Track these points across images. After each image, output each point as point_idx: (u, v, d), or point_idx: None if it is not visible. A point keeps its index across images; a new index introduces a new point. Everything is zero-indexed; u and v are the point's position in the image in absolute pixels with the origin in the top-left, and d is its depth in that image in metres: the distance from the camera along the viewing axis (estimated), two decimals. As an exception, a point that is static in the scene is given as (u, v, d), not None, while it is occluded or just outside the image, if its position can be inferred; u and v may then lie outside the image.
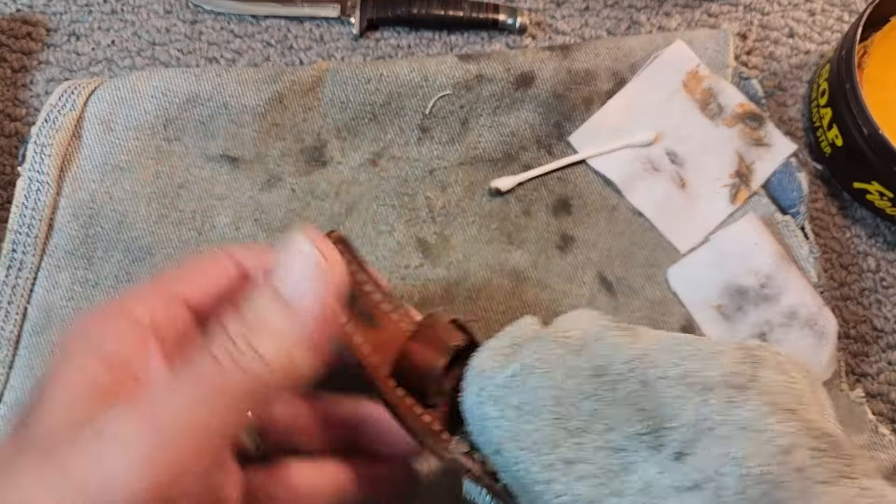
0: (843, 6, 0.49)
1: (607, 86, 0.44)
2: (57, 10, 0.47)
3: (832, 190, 0.46)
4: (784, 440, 0.22)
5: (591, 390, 0.24)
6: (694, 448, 0.22)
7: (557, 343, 0.25)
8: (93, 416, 0.21)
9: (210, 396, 0.21)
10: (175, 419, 0.21)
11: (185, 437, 0.21)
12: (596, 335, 0.25)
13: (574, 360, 0.24)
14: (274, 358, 0.22)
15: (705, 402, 0.23)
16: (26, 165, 0.39)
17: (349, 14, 0.46)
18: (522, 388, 0.24)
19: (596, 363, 0.24)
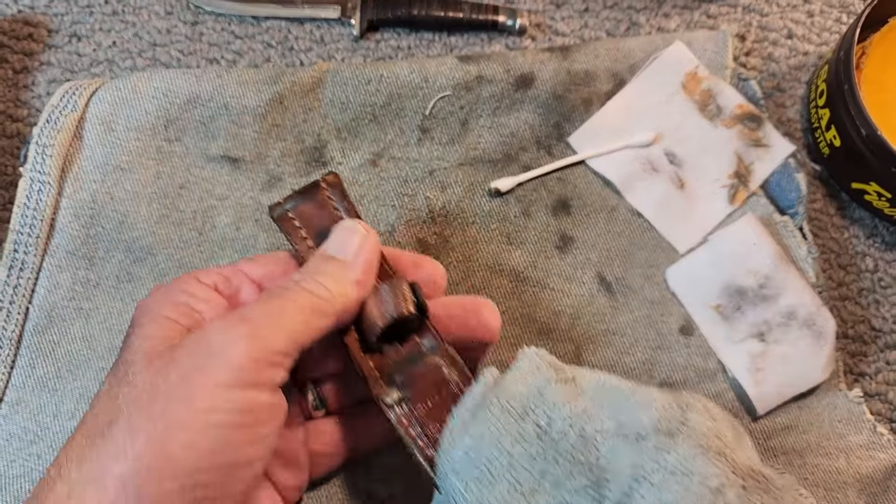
0: (842, 7, 0.49)
1: (607, 87, 0.44)
2: (58, 12, 0.47)
3: (830, 190, 0.46)
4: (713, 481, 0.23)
5: (537, 452, 0.25)
6: (632, 498, 0.23)
7: (502, 410, 0.26)
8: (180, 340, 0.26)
9: (289, 308, 0.27)
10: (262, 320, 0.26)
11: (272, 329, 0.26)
12: (538, 391, 0.27)
13: (519, 425, 0.26)
14: (331, 286, 0.28)
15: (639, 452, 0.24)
16: (28, 166, 0.40)
17: (349, 15, 0.47)
18: (478, 461, 0.26)
19: (539, 423, 0.26)
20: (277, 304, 0.27)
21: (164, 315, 0.28)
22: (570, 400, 0.26)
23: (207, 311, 0.29)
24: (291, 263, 0.32)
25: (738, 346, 0.40)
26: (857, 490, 0.38)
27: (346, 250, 0.30)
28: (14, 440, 0.37)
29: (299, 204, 0.32)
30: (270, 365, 0.26)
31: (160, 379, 0.25)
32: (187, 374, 0.25)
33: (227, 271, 0.31)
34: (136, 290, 0.40)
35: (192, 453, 0.24)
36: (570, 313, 0.41)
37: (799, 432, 0.40)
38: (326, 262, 0.30)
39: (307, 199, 0.33)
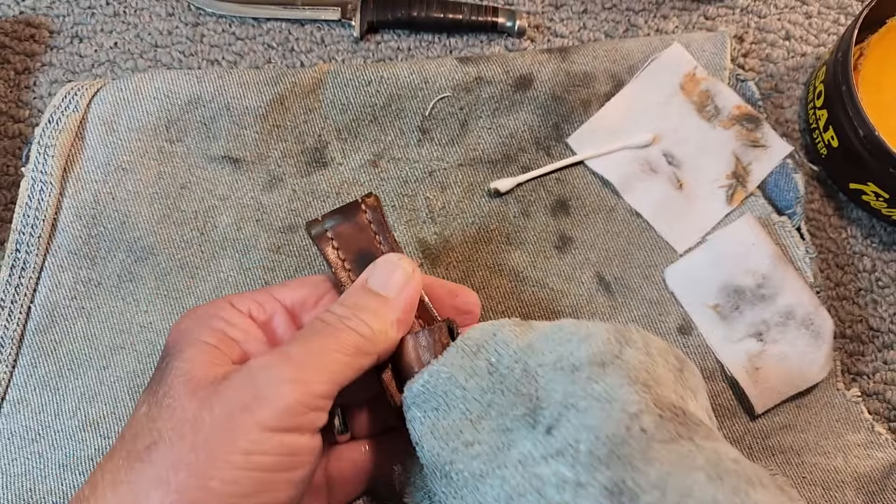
0: (840, 9, 0.49)
1: (605, 88, 0.44)
2: (60, 13, 0.47)
3: (828, 191, 0.46)
4: (632, 408, 0.25)
5: (487, 385, 0.28)
6: (559, 422, 0.25)
7: (457, 348, 0.29)
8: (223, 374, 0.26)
9: (331, 347, 0.27)
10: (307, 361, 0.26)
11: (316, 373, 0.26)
12: (493, 331, 0.29)
13: (472, 360, 0.28)
14: (374, 324, 0.28)
15: (572, 382, 0.26)
16: (30, 166, 0.40)
17: (350, 17, 0.47)
18: (435, 393, 0.28)
19: (490, 360, 0.28)
20: (320, 344, 0.27)
21: (203, 341, 0.28)
22: (519, 338, 0.28)
23: (244, 340, 0.29)
24: (324, 287, 0.32)
25: (737, 346, 0.40)
26: (855, 489, 0.38)
27: (388, 287, 0.30)
28: (16, 439, 0.37)
29: (338, 224, 0.32)
30: (313, 409, 0.26)
31: (205, 412, 0.25)
32: (233, 411, 0.25)
33: (260, 297, 0.31)
34: (138, 290, 0.40)
35: (234, 491, 0.24)
36: (569, 313, 0.41)
37: (797, 431, 0.40)
38: (368, 297, 0.29)
39: (346, 219, 0.32)
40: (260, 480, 0.25)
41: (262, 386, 0.25)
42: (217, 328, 0.29)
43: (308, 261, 0.41)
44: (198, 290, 0.40)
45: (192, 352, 0.27)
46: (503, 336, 0.28)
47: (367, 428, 0.33)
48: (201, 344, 0.28)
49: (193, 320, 0.29)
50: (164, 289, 0.40)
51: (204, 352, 0.27)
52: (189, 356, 0.27)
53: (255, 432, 0.25)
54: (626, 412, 0.25)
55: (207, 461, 0.24)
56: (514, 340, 0.28)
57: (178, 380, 0.26)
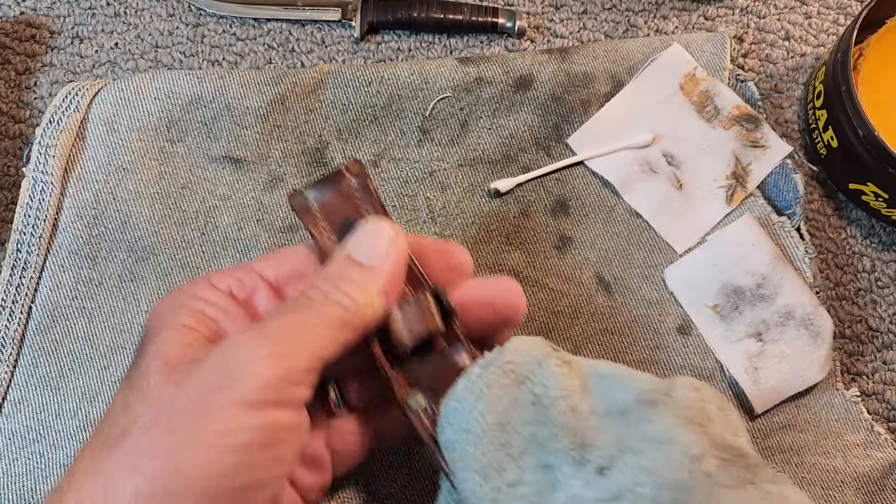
0: (839, 9, 0.49)
1: (605, 88, 0.44)
2: (60, 13, 0.47)
3: (828, 191, 0.46)
4: (694, 450, 0.23)
5: (530, 417, 0.26)
6: (614, 463, 0.24)
7: (503, 372, 0.27)
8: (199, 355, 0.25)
9: (312, 322, 0.26)
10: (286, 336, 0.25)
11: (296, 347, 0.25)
12: (538, 361, 0.27)
13: (517, 391, 0.26)
14: (358, 296, 0.27)
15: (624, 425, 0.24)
16: (31, 166, 0.40)
17: (350, 17, 0.47)
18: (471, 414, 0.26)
19: (536, 391, 0.26)
20: (300, 318, 0.26)
21: (180, 322, 0.27)
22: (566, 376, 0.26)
23: (223, 319, 0.28)
24: (309, 259, 0.31)
25: (736, 346, 0.40)
26: (855, 489, 0.39)
27: (372, 255, 0.28)
28: (17, 439, 0.38)
29: (321, 194, 0.31)
30: (294, 384, 0.25)
31: (180, 394, 0.24)
32: (208, 391, 0.24)
33: (241, 273, 0.30)
34: (139, 290, 0.40)
35: (210, 473, 0.23)
36: (568, 313, 0.41)
37: (796, 431, 0.40)
38: (351, 267, 0.28)
39: (329, 188, 0.31)
40: (238, 460, 0.24)
41: (237, 363, 0.25)
42: (195, 308, 0.28)
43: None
44: (198, 290, 0.40)
45: (167, 334, 0.26)
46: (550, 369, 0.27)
47: (364, 398, 0.32)
48: (178, 325, 0.27)
49: (171, 302, 0.28)
50: (166, 289, 0.40)
51: (180, 333, 0.26)
52: (164, 338, 0.26)
53: (231, 410, 0.24)
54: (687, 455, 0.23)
55: (181, 444, 0.23)
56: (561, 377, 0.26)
57: (152, 363, 0.25)
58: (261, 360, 0.25)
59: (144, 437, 0.24)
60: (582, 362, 0.27)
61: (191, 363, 0.25)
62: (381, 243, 0.28)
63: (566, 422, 0.25)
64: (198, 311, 0.28)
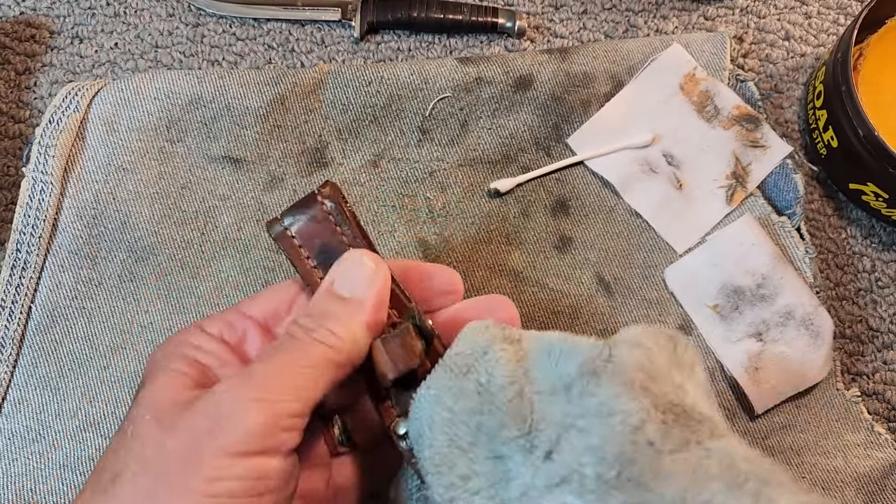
0: (839, 9, 0.49)
1: (605, 88, 0.44)
2: (60, 13, 0.47)
3: (828, 191, 0.46)
4: (634, 418, 0.23)
5: (475, 406, 0.25)
6: (560, 445, 0.23)
7: (445, 367, 0.26)
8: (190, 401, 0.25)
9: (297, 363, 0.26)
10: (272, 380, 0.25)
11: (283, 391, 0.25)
12: (483, 349, 0.26)
13: (461, 381, 0.26)
14: (342, 333, 0.27)
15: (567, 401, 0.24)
16: (30, 166, 0.40)
17: (350, 17, 0.47)
18: (421, 416, 0.26)
19: (480, 380, 0.26)
20: (285, 360, 0.26)
21: (172, 368, 0.27)
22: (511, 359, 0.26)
23: (215, 365, 0.28)
24: (295, 293, 0.31)
25: (736, 346, 0.40)
26: (855, 489, 0.39)
27: (354, 288, 0.28)
28: (16, 439, 0.38)
29: (297, 220, 0.30)
30: (283, 430, 0.25)
31: (168, 440, 0.24)
32: (196, 437, 0.24)
33: (231, 316, 0.30)
34: (139, 290, 0.40)
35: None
36: (568, 313, 0.41)
37: (797, 431, 0.40)
38: (333, 302, 0.28)
39: (304, 214, 0.31)
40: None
41: (226, 409, 0.24)
42: (187, 355, 0.27)
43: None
44: (198, 290, 0.40)
45: (160, 380, 0.26)
46: (495, 355, 0.26)
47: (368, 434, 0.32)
48: (170, 372, 0.27)
49: (164, 350, 0.28)
50: (165, 289, 0.40)
51: (172, 379, 0.26)
52: (156, 385, 0.26)
53: (219, 458, 0.23)
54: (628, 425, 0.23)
55: (170, 491, 0.23)
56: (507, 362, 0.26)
57: (143, 409, 0.25)
58: (249, 404, 0.24)
59: (133, 483, 0.23)
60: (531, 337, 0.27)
61: (182, 409, 0.25)
62: (363, 275, 0.28)
63: (513, 408, 0.25)
64: (190, 357, 0.27)
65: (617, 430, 0.23)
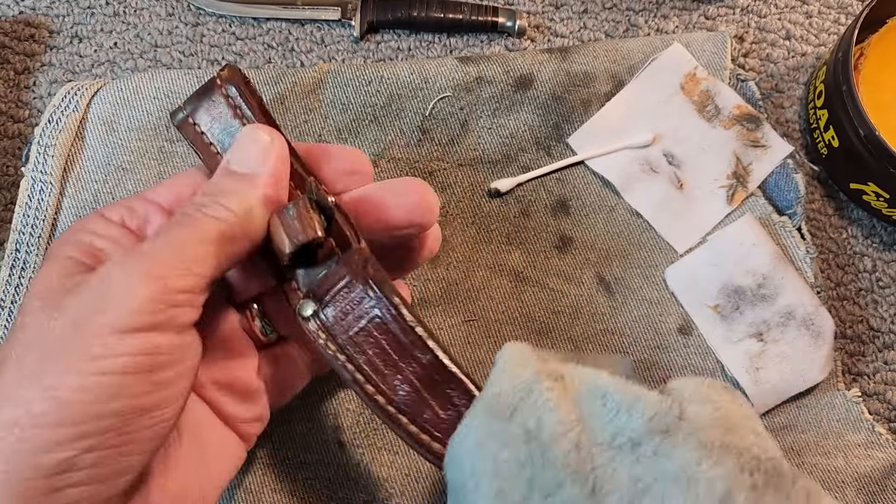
0: (840, 8, 0.49)
1: (606, 88, 0.44)
2: (60, 13, 0.47)
3: (829, 191, 0.46)
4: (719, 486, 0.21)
5: (525, 457, 0.23)
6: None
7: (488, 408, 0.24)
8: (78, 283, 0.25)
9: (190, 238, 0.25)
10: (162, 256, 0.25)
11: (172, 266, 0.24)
12: (527, 388, 0.24)
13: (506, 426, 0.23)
14: (236, 207, 0.26)
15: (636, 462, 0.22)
16: (30, 166, 0.40)
17: (350, 17, 0.47)
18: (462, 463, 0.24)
19: (527, 426, 0.23)
20: (178, 235, 0.25)
21: (63, 255, 0.26)
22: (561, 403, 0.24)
23: (111, 248, 0.27)
24: (200, 179, 0.30)
25: (737, 346, 0.40)
26: (856, 489, 0.38)
27: (249, 162, 0.27)
28: (16, 439, 0.37)
29: (199, 107, 0.29)
30: (172, 305, 0.24)
31: (53, 321, 0.24)
32: (81, 316, 0.24)
33: (133, 202, 0.29)
34: (138, 290, 0.40)
35: (85, 399, 0.23)
36: (569, 313, 0.41)
37: (797, 432, 0.40)
38: (229, 177, 0.27)
39: (205, 100, 0.29)
40: (115, 385, 0.23)
41: (114, 286, 0.24)
42: (82, 240, 0.27)
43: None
44: (198, 290, 0.40)
45: (49, 266, 0.26)
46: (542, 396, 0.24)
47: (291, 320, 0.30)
48: (61, 258, 0.26)
49: (62, 238, 0.28)
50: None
51: (61, 264, 0.26)
52: (45, 271, 0.26)
53: (105, 335, 0.23)
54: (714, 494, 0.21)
55: (56, 372, 0.23)
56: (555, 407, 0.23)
57: (30, 296, 0.25)
58: (136, 281, 0.24)
59: (18, 369, 0.23)
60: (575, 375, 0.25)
61: (68, 290, 0.24)
62: (257, 149, 0.27)
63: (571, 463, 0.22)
64: (84, 242, 0.27)
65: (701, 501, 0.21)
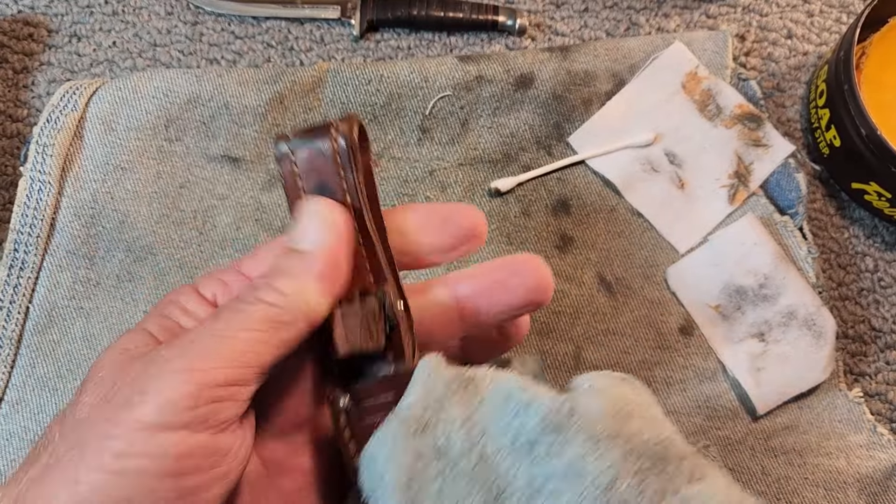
0: (842, 7, 0.49)
1: (606, 87, 0.44)
2: (58, 12, 0.47)
3: (830, 190, 0.46)
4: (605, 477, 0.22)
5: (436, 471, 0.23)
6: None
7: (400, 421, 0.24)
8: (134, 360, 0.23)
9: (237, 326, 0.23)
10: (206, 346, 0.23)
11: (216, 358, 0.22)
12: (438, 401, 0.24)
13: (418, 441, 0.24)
14: (290, 291, 0.24)
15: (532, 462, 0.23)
16: (28, 165, 0.40)
17: (349, 15, 0.47)
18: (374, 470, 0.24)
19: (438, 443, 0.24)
20: (225, 322, 0.23)
21: (143, 327, 0.25)
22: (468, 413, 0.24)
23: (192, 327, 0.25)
24: None
25: (738, 346, 0.40)
26: (858, 490, 0.38)
27: (307, 238, 0.25)
28: (14, 439, 0.37)
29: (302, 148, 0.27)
30: (213, 400, 0.22)
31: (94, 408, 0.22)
32: (117, 406, 0.22)
33: (227, 275, 0.27)
34: (137, 290, 0.40)
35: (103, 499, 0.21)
36: (569, 313, 0.41)
37: (799, 432, 0.40)
38: (286, 256, 0.25)
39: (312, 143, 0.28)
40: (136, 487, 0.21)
41: (151, 376, 0.22)
42: (169, 315, 0.25)
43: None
44: (197, 290, 0.40)
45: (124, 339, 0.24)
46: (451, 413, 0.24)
47: None
48: (139, 331, 0.24)
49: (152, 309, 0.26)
50: (164, 289, 0.40)
51: (136, 337, 0.24)
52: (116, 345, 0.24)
53: (132, 431, 0.21)
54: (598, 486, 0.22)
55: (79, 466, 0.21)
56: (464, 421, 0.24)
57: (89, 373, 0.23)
58: (174, 372, 0.22)
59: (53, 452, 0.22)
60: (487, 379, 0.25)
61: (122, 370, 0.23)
62: (316, 224, 0.25)
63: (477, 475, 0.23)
64: (170, 318, 0.25)
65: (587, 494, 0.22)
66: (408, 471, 0.23)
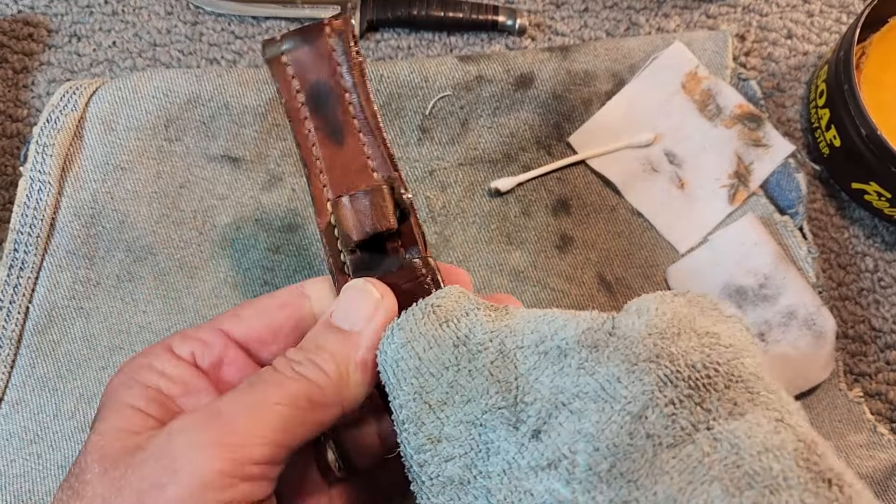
0: (842, 7, 0.49)
1: (606, 87, 0.44)
2: (58, 12, 0.47)
3: (830, 190, 0.46)
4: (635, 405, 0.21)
5: (450, 360, 0.23)
6: (550, 424, 0.21)
7: (423, 312, 0.24)
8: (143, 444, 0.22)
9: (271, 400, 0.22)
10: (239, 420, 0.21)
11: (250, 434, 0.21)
12: (466, 308, 0.24)
13: (436, 329, 0.23)
14: (332, 369, 0.23)
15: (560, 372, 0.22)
16: (28, 165, 0.40)
17: (349, 15, 0.46)
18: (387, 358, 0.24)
19: (458, 334, 0.23)
20: (260, 395, 0.22)
21: (128, 404, 0.23)
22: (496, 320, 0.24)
23: (182, 396, 0.24)
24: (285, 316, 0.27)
25: (738, 346, 0.40)
26: (857, 490, 0.38)
27: (354, 319, 0.24)
28: (14, 440, 0.37)
29: (297, 47, 0.27)
30: (245, 479, 0.21)
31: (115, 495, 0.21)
32: (144, 491, 0.21)
33: (206, 334, 0.26)
34: (137, 290, 0.40)
35: None
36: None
37: (799, 432, 0.40)
38: (329, 333, 0.24)
39: (307, 43, 0.27)
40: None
41: (178, 454, 0.21)
42: (148, 384, 0.24)
43: (307, 261, 0.41)
44: (196, 289, 0.40)
45: (111, 420, 0.23)
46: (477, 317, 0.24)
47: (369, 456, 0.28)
48: (124, 409, 0.23)
49: (123, 376, 0.24)
50: (163, 289, 0.40)
51: (125, 419, 0.23)
52: (105, 427, 0.23)
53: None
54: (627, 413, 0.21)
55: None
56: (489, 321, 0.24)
57: (90, 457, 0.22)
58: (205, 449, 0.21)
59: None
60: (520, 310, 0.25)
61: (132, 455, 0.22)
62: (366, 306, 0.25)
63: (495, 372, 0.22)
64: (151, 387, 0.24)
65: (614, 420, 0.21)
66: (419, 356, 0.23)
